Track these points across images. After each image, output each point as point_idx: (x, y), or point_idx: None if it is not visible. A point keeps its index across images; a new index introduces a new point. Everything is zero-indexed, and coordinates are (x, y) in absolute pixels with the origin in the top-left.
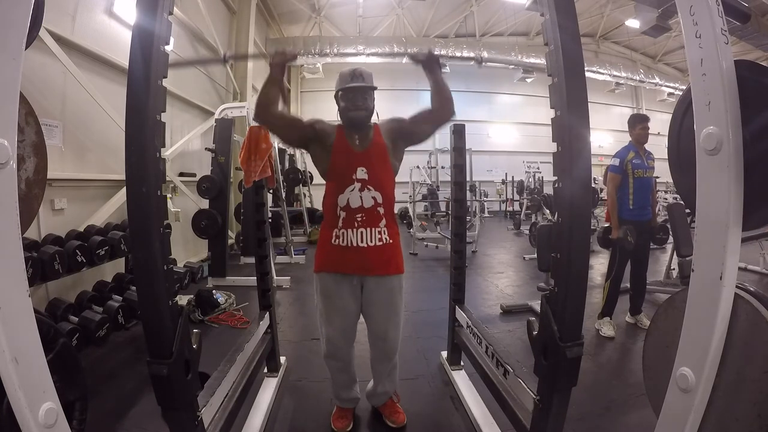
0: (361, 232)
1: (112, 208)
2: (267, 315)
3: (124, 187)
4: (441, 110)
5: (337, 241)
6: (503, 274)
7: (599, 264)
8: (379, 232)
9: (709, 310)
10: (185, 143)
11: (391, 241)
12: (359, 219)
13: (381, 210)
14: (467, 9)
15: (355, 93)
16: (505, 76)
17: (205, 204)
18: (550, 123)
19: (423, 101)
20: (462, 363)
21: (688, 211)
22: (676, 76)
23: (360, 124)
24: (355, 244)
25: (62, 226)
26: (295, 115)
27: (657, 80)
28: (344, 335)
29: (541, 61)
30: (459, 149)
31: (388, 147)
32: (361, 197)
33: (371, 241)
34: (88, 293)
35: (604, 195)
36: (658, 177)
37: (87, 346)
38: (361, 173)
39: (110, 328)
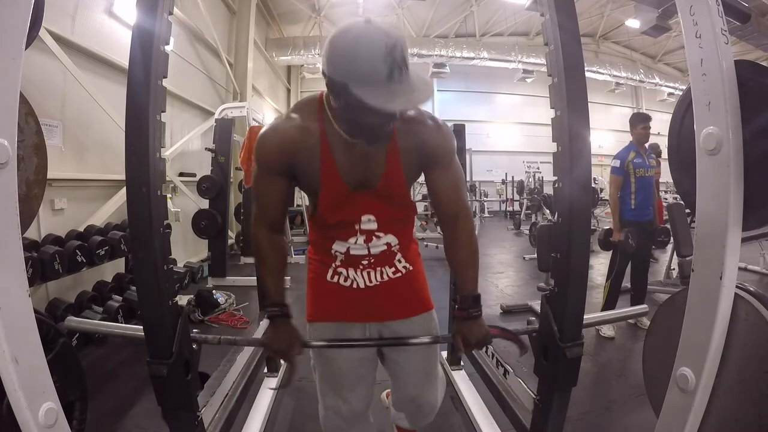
0: (369, 272)
1: (112, 208)
2: None
3: (124, 187)
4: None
5: (336, 278)
6: (503, 274)
7: (599, 264)
8: (394, 265)
9: (709, 310)
10: (185, 143)
11: (411, 267)
12: (365, 263)
13: (396, 248)
14: (467, 9)
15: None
16: (505, 76)
17: (205, 204)
18: (550, 123)
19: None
20: (462, 363)
21: (688, 211)
22: (676, 76)
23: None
24: (362, 286)
25: (62, 226)
26: (271, 192)
27: (657, 80)
28: (358, 407)
29: (541, 60)
30: (459, 149)
31: (407, 176)
32: (368, 248)
33: (383, 277)
34: (88, 293)
35: (604, 195)
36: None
37: (87, 346)
38: (368, 222)
39: None
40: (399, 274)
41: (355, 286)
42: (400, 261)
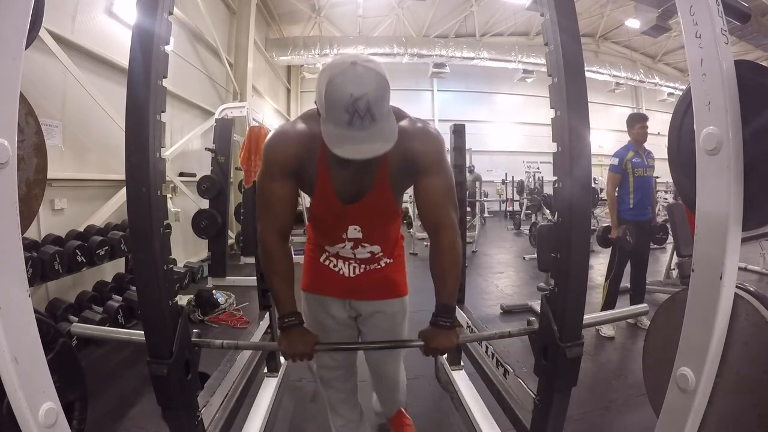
0: (354, 267)
1: (112, 208)
2: (267, 315)
3: (124, 187)
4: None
5: (327, 262)
6: (503, 274)
7: (599, 264)
8: (377, 262)
9: (709, 310)
10: (185, 143)
11: (390, 261)
12: (351, 260)
13: (380, 254)
14: (467, 9)
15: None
16: (505, 76)
17: (205, 204)
18: (550, 123)
19: (422, 101)
20: (462, 363)
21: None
22: (676, 76)
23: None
24: (346, 275)
25: (62, 226)
26: (281, 193)
27: (657, 80)
28: (342, 362)
29: (541, 60)
30: (459, 149)
31: (394, 190)
32: (354, 253)
33: (365, 269)
34: (88, 293)
35: (603, 195)
36: (658, 177)
37: (87, 346)
38: (354, 232)
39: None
40: (379, 267)
41: (341, 273)
42: (382, 260)
